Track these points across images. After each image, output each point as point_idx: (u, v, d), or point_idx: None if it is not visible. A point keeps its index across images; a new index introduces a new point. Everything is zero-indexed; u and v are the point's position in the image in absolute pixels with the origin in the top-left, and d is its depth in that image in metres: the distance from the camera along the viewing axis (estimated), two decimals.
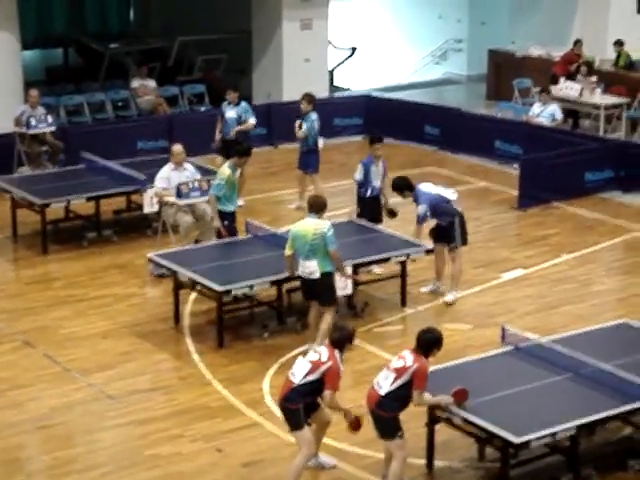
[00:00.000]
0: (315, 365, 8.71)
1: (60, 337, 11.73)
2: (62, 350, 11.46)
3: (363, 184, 13.46)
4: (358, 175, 13.48)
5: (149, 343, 11.71)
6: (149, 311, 12.51)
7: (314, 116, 15.66)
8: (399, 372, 8.55)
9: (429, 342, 8.66)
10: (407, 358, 8.61)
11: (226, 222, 12.79)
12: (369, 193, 13.46)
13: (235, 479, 9.20)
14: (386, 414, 8.57)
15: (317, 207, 11.07)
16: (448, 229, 12.55)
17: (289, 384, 8.78)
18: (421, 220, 12.44)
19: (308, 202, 11.27)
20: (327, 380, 8.67)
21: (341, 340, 8.84)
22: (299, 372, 8.76)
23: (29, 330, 11.92)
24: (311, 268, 10.92)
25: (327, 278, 11.03)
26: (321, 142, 15.74)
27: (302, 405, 8.74)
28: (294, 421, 8.76)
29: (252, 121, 16.07)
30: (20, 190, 14.67)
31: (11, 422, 10.04)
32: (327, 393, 8.67)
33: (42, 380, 10.86)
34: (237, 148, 13.34)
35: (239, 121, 15.93)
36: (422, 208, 12.40)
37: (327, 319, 11.05)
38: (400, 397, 8.57)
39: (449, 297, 12.69)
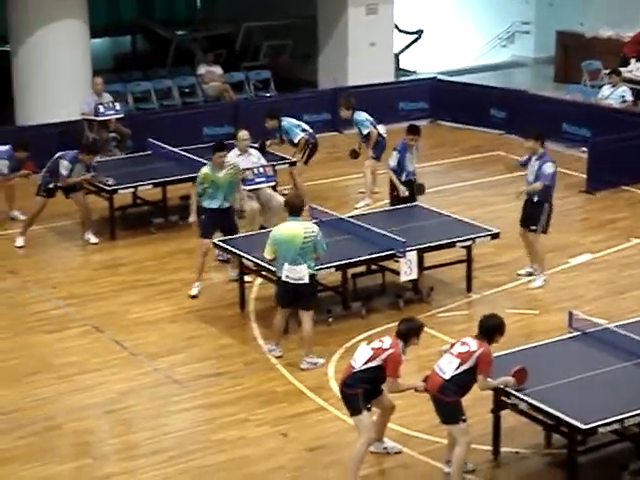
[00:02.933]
0: (376, 352, 8.70)
1: (127, 322, 11.87)
2: (129, 335, 11.60)
3: (397, 170, 13.44)
4: (392, 162, 13.55)
5: (215, 328, 11.78)
6: (215, 296, 12.60)
7: (358, 116, 15.46)
8: (464, 357, 8.51)
9: (492, 328, 8.61)
10: (471, 344, 8.56)
11: (203, 216, 12.42)
12: (404, 177, 13.57)
13: (300, 463, 9.23)
14: (449, 399, 8.53)
15: (297, 208, 10.75)
16: (537, 210, 12.40)
17: (349, 369, 8.79)
18: (548, 179, 12.27)
19: (287, 204, 10.91)
20: (387, 367, 8.65)
21: (408, 332, 8.80)
22: (360, 358, 8.75)
23: (97, 315, 12.08)
24: (301, 273, 10.56)
25: (313, 281, 10.77)
26: (382, 129, 15.60)
27: (361, 391, 8.70)
28: (353, 406, 8.76)
29: (300, 137, 15.45)
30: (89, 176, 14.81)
31: (79, 406, 10.19)
32: (388, 380, 8.68)
33: (110, 365, 11.00)
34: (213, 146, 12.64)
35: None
36: (553, 167, 12.34)
37: (308, 323, 10.81)
38: (464, 382, 8.53)
39: (536, 282, 12.57)
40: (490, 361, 8.54)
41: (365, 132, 15.48)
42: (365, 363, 8.69)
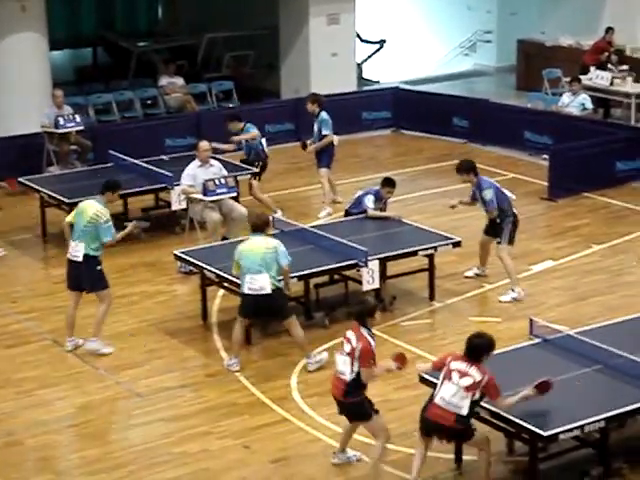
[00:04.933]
0: (352, 354, 8.66)
1: (88, 335, 11.73)
2: None
3: (357, 206, 13.17)
4: (370, 204, 12.95)
5: (177, 340, 11.72)
6: (177, 308, 12.54)
7: (324, 115, 15.43)
8: (471, 389, 8.35)
9: (481, 348, 8.47)
10: (473, 374, 8.36)
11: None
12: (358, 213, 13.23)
13: (263, 475, 9.18)
14: (464, 428, 8.45)
15: (260, 227, 10.81)
16: (499, 225, 12.45)
17: (342, 381, 8.71)
18: (492, 205, 12.30)
19: (250, 222, 11.01)
20: (360, 360, 8.63)
21: (362, 314, 8.80)
22: (345, 368, 8.71)
23: (58, 329, 11.95)
24: (261, 282, 10.54)
25: (278, 292, 10.75)
26: (335, 139, 15.58)
27: (364, 396, 8.71)
28: (362, 413, 8.71)
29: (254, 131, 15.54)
30: (49, 189, 14.75)
31: (39, 421, 10.09)
32: (362, 371, 8.65)
33: (70, 379, 10.90)
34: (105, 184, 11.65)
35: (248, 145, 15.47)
36: (490, 193, 12.31)
37: (295, 328, 10.84)
38: (473, 411, 8.48)
39: (505, 297, 12.55)
40: (496, 385, 8.42)
41: (325, 132, 15.39)
42: (352, 369, 8.64)
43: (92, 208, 11.21)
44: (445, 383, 8.48)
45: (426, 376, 8.96)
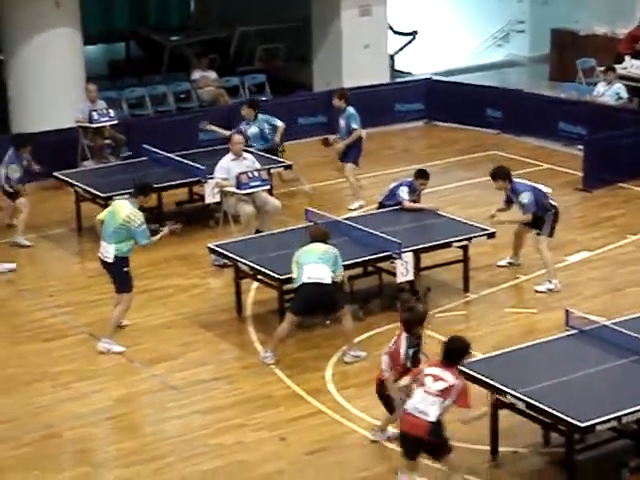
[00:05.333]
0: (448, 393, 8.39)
1: (124, 329, 11.81)
2: (126, 341, 11.53)
3: (391, 198, 13.14)
4: (405, 195, 12.94)
5: (211, 333, 11.76)
6: (211, 301, 12.57)
7: (351, 110, 15.37)
8: (445, 394, 8.16)
9: (458, 352, 8.31)
10: (446, 377, 8.19)
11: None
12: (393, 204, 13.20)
13: (298, 467, 9.20)
14: (440, 439, 8.25)
15: (320, 239, 10.92)
16: (540, 217, 12.38)
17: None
18: (530, 208, 12.22)
19: (311, 234, 11.06)
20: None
21: (409, 321, 8.79)
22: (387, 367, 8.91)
23: (94, 322, 12.04)
24: (322, 273, 10.59)
25: (336, 285, 10.79)
26: (364, 133, 15.52)
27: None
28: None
29: (279, 123, 15.78)
30: (84, 183, 14.84)
31: (77, 414, 10.16)
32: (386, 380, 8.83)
33: (107, 372, 10.98)
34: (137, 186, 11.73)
35: (263, 135, 15.64)
36: (527, 196, 12.21)
37: (347, 319, 10.89)
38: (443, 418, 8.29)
39: (540, 287, 12.48)
40: (467, 392, 8.22)
41: (354, 126, 15.33)
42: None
43: (125, 209, 11.26)
44: (417, 389, 8.29)
45: None
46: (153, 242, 11.45)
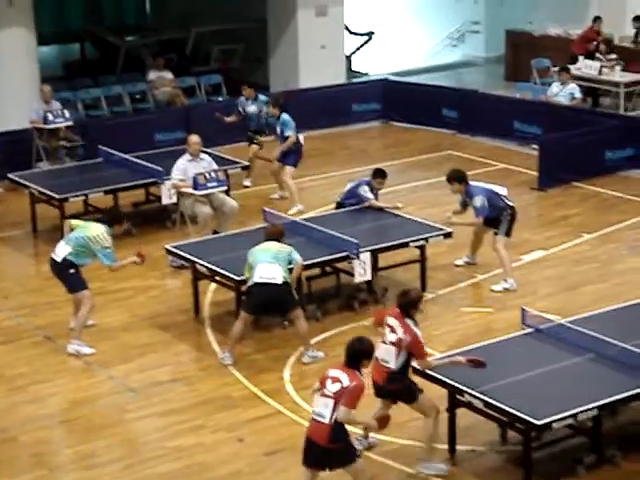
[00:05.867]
0: (399, 345, 8.68)
1: (89, 329, 11.69)
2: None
3: (351, 198, 13.14)
4: (368, 194, 12.96)
5: (169, 335, 11.72)
6: (169, 303, 12.53)
7: (285, 117, 15.35)
8: (337, 397, 7.99)
9: (358, 353, 8.14)
10: (342, 378, 8.00)
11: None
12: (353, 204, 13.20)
13: (257, 468, 9.19)
14: (338, 444, 8.03)
15: (275, 236, 10.93)
16: (497, 219, 12.47)
17: (384, 371, 8.70)
18: (481, 212, 12.31)
19: (266, 232, 11.10)
20: (415, 352, 8.75)
21: (406, 305, 8.82)
22: (390, 357, 8.73)
23: (49, 325, 11.95)
24: (274, 272, 10.57)
25: (289, 286, 10.78)
26: (301, 137, 15.53)
27: (407, 381, 8.78)
28: (408, 396, 8.77)
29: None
30: (39, 185, 14.73)
31: (33, 417, 10.08)
32: (419, 362, 8.81)
33: (63, 375, 10.89)
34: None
35: (259, 115, 16.25)
36: (480, 200, 12.30)
37: (300, 320, 10.86)
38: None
39: (497, 286, 12.55)
40: (359, 395, 8.04)
41: (287, 133, 15.30)
42: (397, 359, 8.70)
43: (99, 229, 11.27)
44: (317, 394, 8.19)
45: None
46: (118, 266, 11.40)
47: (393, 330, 8.80)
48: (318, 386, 8.24)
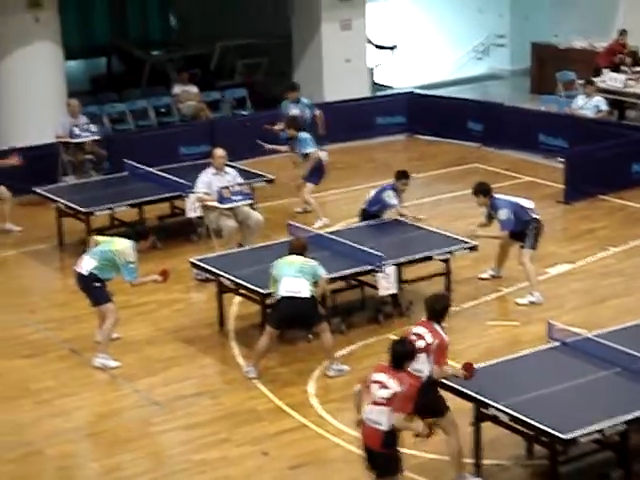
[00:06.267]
0: (428, 350, 8.62)
1: (114, 342, 11.72)
2: None
3: (374, 204, 13.23)
4: (394, 200, 13.05)
5: (194, 348, 11.73)
6: (193, 316, 12.55)
7: (302, 136, 15.44)
8: (390, 403, 8.00)
9: (402, 355, 8.14)
10: (390, 384, 8.00)
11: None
12: (375, 211, 13.30)
13: None
14: (387, 450, 8.08)
15: (299, 250, 10.90)
16: (522, 232, 12.44)
17: (417, 381, 8.54)
18: (507, 225, 12.29)
19: (290, 245, 11.04)
20: (436, 355, 8.64)
21: (443, 309, 8.81)
22: (423, 367, 8.65)
23: (75, 338, 12.00)
24: (300, 286, 10.58)
25: (315, 299, 10.77)
26: (323, 154, 15.57)
27: (437, 393, 8.72)
28: (435, 409, 8.67)
29: (317, 112, 16.91)
30: (65, 199, 14.81)
31: (59, 430, 10.11)
32: (434, 368, 8.66)
33: (89, 388, 10.92)
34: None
35: (302, 117, 16.50)
36: (505, 213, 12.28)
37: (326, 333, 10.86)
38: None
39: (522, 300, 12.51)
40: (412, 399, 8.09)
41: (307, 151, 15.34)
42: (429, 367, 8.65)
43: (124, 244, 11.33)
44: (366, 398, 8.17)
45: None
46: (139, 282, 11.43)
47: (421, 337, 8.73)
48: (360, 388, 8.28)
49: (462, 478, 8.85)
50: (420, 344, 8.64)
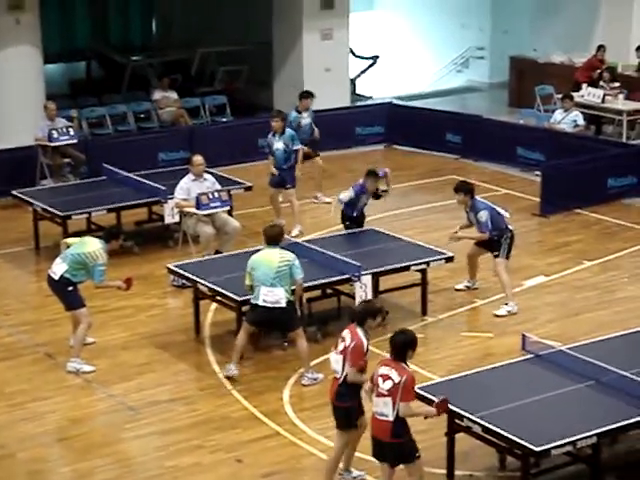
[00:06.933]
0: (344, 352, 8.63)
1: (89, 346, 11.69)
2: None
3: (349, 206, 13.37)
4: (344, 197, 13.33)
5: (169, 354, 11.72)
6: (169, 322, 12.54)
7: (291, 130, 15.53)
8: (394, 393, 8.20)
9: (403, 344, 8.32)
10: (393, 375, 8.23)
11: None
12: (355, 214, 13.42)
13: None
14: (403, 439, 8.30)
15: (273, 238, 10.91)
16: (496, 242, 12.49)
17: (335, 382, 8.70)
18: (486, 227, 12.37)
19: (264, 234, 11.01)
20: (350, 358, 8.58)
21: (361, 314, 8.75)
22: (337, 366, 8.67)
23: (50, 342, 11.96)
24: (277, 296, 10.65)
25: (291, 306, 10.85)
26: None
27: (353, 404, 8.68)
28: (345, 420, 8.69)
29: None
30: (42, 202, 14.76)
31: (32, 434, 10.07)
32: (348, 370, 8.61)
33: (62, 392, 10.88)
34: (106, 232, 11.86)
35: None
36: (485, 214, 12.37)
37: (301, 341, 10.89)
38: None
39: (500, 311, 12.56)
40: (413, 387, 8.27)
41: (297, 147, 15.39)
42: (343, 369, 8.62)
43: (95, 245, 11.27)
44: (373, 395, 8.39)
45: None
46: (104, 285, 11.39)
47: (343, 340, 8.71)
48: (370, 386, 8.40)
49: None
50: (339, 347, 8.67)
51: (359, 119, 20.38)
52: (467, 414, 8.71)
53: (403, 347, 8.29)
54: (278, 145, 15.41)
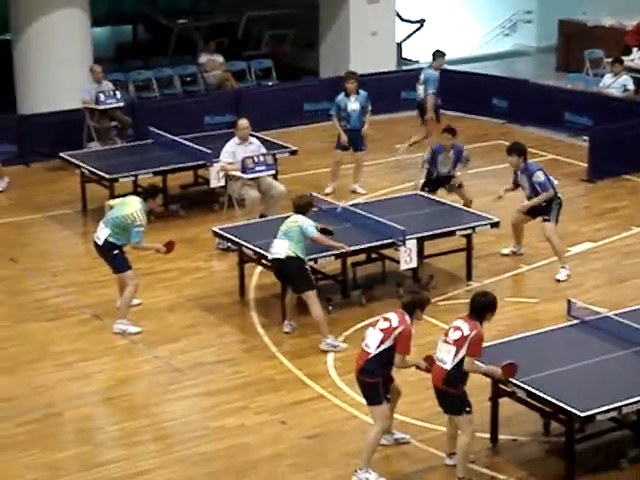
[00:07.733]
0: (387, 332, 8.60)
1: (135, 308, 11.78)
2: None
3: (430, 166, 13.56)
4: (426, 155, 13.66)
5: (214, 316, 11.79)
6: (214, 285, 12.61)
7: (364, 92, 15.48)
8: (459, 344, 8.39)
9: (483, 306, 8.47)
10: (463, 327, 8.43)
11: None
12: (434, 175, 13.56)
13: (299, 451, 9.23)
14: (454, 390, 8.43)
15: (303, 207, 11.04)
16: (546, 206, 12.45)
17: (365, 356, 8.63)
18: (547, 185, 12.36)
19: (294, 203, 11.14)
20: (398, 344, 8.56)
21: (411, 304, 8.72)
22: (373, 342, 8.62)
23: (97, 303, 12.08)
24: (279, 248, 10.84)
25: (298, 264, 10.84)
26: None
27: (381, 379, 8.61)
28: (373, 395, 8.62)
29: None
30: (89, 165, 14.87)
31: (79, 393, 10.21)
32: (398, 357, 8.58)
33: (109, 353, 11.01)
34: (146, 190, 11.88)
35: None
36: (542, 175, 12.39)
37: (312, 305, 10.85)
38: (462, 370, 8.47)
39: (560, 275, 12.49)
40: (480, 343, 8.43)
41: (370, 107, 15.44)
42: (379, 346, 8.58)
43: (135, 206, 11.31)
44: (441, 340, 8.56)
45: None
46: (142, 247, 11.44)
47: (387, 320, 8.66)
48: (425, 365, 8.68)
49: None
50: (381, 325, 8.64)
51: (405, 83, 20.22)
52: (512, 379, 8.68)
53: (483, 309, 8.50)
54: (354, 106, 15.29)
